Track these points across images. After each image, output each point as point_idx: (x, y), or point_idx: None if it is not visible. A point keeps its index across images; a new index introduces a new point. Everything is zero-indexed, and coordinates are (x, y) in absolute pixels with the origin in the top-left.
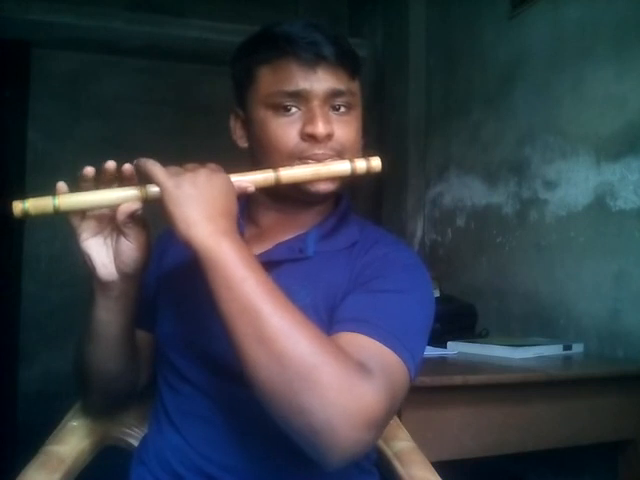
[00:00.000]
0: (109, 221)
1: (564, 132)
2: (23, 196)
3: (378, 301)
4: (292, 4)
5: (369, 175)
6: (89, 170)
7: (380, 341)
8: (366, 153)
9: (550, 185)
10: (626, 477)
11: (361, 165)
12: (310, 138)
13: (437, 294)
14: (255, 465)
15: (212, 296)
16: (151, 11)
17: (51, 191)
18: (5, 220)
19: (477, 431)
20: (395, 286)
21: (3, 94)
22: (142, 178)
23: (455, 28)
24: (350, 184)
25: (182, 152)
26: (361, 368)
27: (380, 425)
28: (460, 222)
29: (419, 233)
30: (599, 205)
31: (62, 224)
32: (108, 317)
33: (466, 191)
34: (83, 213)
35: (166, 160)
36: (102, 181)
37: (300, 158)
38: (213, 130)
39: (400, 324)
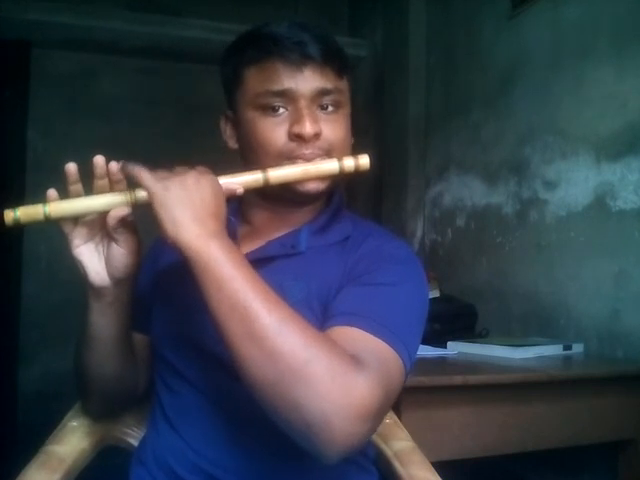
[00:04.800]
0: (100, 227)
1: (564, 132)
2: (22, 196)
3: (371, 294)
4: (292, 4)
5: (358, 173)
6: (71, 166)
7: (373, 334)
8: (361, 151)
9: (550, 185)
10: (626, 477)
11: (349, 164)
12: (298, 138)
13: (437, 294)
14: (253, 463)
15: (202, 297)
16: (151, 11)
17: (54, 192)
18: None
19: (477, 431)
20: (387, 279)
21: (3, 94)
22: (131, 182)
23: (455, 28)
24: (347, 183)
25: (182, 152)
26: (354, 361)
27: (375, 417)
28: (460, 222)
29: (419, 233)
30: (599, 205)
31: None
32: (103, 321)
33: (466, 191)
34: (75, 220)
35: (166, 160)
36: (92, 177)
37: (289, 158)
38: (213, 130)
39: (393, 316)
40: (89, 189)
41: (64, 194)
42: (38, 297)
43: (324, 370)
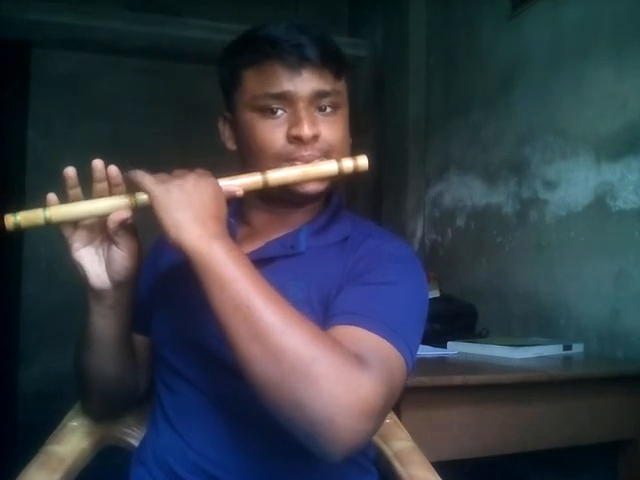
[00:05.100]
0: (100, 230)
1: (564, 132)
2: (22, 196)
3: (371, 293)
4: (292, 4)
5: (357, 174)
6: (69, 170)
7: (375, 332)
8: (361, 151)
9: (550, 185)
10: (626, 477)
11: (348, 165)
12: (296, 140)
13: (437, 294)
14: (255, 463)
15: (205, 297)
16: (151, 11)
17: (56, 192)
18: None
19: (477, 431)
20: (387, 278)
21: (3, 94)
22: (130, 185)
23: (455, 28)
24: (347, 183)
25: (182, 152)
26: (357, 359)
27: (378, 415)
28: (460, 222)
29: (419, 233)
30: (599, 205)
31: None
32: (103, 323)
33: (466, 191)
34: (75, 223)
35: (166, 160)
36: (91, 181)
37: (287, 160)
38: (213, 130)
39: (394, 315)
40: (89, 192)
41: (64, 197)
42: (38, 297)
43: (328, 369)
